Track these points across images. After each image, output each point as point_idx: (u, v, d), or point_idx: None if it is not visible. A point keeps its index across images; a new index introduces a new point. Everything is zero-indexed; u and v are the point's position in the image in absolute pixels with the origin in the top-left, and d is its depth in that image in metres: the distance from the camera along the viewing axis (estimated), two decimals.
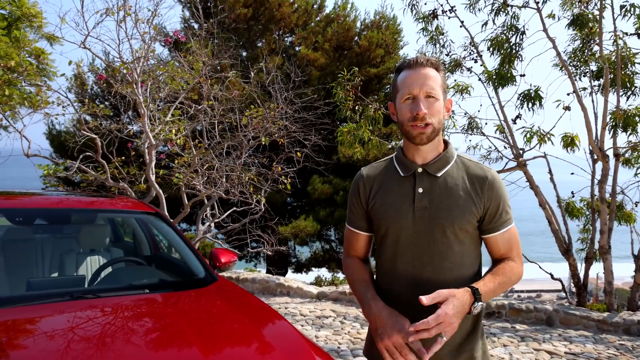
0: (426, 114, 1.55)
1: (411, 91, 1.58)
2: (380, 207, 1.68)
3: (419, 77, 1.57)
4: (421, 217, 1.61)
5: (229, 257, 3.44)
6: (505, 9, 7.05)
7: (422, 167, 1.64)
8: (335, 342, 5.27)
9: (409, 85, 1.58)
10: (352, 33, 13.38)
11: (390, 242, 1.67)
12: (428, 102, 1.57)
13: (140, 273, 3.19)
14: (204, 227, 7.96)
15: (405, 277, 1.63)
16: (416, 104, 1.56)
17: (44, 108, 6.75)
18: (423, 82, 1.57)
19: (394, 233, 1.65)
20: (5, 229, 3.18)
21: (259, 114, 7.48)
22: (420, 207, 1.61)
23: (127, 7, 6.28)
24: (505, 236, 1.65)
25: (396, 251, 1.65)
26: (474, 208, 1.60)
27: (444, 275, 1.60)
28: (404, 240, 1.63)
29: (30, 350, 1.85)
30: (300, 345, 2.23)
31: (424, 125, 1.57)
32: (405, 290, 1.63)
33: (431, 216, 1.60)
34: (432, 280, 1.60)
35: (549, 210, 7.07)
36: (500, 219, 1.63)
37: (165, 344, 2.00)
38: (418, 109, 1.55)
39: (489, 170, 1.66)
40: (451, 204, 1.60)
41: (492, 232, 1.64)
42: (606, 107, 6.38)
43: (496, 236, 1.64)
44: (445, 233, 1.59)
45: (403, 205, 1.63)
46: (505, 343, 5.31)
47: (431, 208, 1.61)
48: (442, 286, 1.58)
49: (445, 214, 1.59)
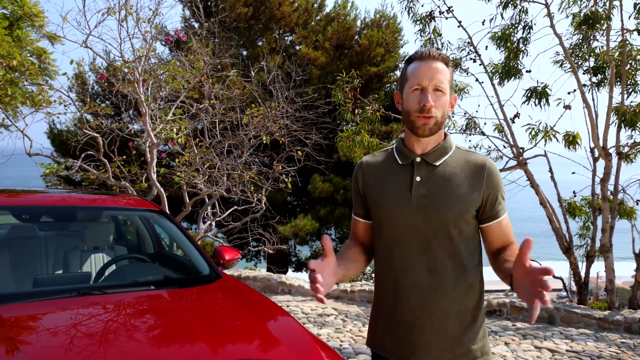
0: (432, 106, 1.57)
1: (420, 82, 1.59)
2: (377, 195, 1.70)
3: (429, 69, 1.59)
4: (419, 205, 1.62)
5: (233, 254, 3.46)
6: (514, 2, 7.05)
7: (420, 156, 1.66)
8: (337, 340, 5.28)
9: (419, 77, 1.59)
10: (353, 32, 13.40)
11: (387, 229, 1.68)
12: (435, 95, 1.59)
13: (146, 270, 3.21)
14: (205, 225, 7.97)
15: (403, 266, 1.64)
16: (424, 95, 1.58)
17: (46, 107, 6.77)
18: (433, 74, 1.58)
19: (391, 222, 1.66)
20: (11, 226, 3.19)
21: (259, 112, 7.50)
22: (418, 195, 1.62)
23: (128, 7, 6.30)
24: (503, 223, 1.67)
25: (394, 240, 1.66)
26: (472, 196, 1.61)
27: (443, 263, 1.61)
28: (402, 229, 1.64)
29: (41, 344, 1.87)
30: (306, 340, 2.24)
31: (428, 117, 1.58)
32: (403, 279, 1.64)
33: (428, 204, 1.61)
34: (430, 267, 1.62)
35: (549, 208, 7.09)
36: (499, 206, 1.65)
37: (175, 339, 2.01)
38: (425, 100, 1.57)
39: (486, 159, 1.68)
40: (449, 193, 1.61)
41: (492, 219, 1.65)
42: (610, 103, 6.39)
43: (498, 223, 1.66)
44: (443, 221, 1.60)
45: (400, 194, 1.65)
46: (507, 341, 5.33)
47: (429, 196, 1.62)
48: (441, 273, 1.60)
49: (442, 202, 1.60)
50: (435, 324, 1.62)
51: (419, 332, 1.63)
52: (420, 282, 1.62)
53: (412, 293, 1.63)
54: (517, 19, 7.16)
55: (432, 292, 1.61)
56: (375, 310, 1.79)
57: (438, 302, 1.61)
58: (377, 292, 1.77)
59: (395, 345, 1.68)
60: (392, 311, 1.68)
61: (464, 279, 1.63)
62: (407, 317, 1.64)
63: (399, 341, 1.67)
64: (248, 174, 7.59)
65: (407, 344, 1.65)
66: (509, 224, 1.70)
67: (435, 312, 1.61)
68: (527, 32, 7.19)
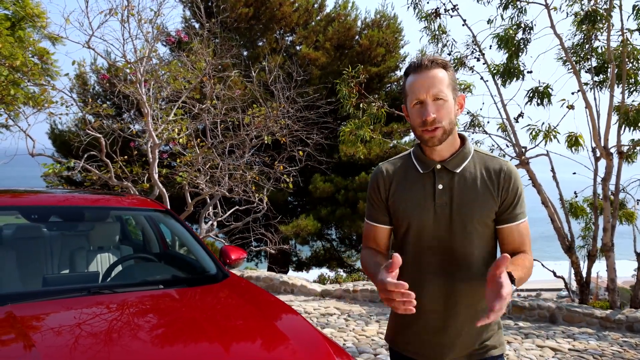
0: (435, 119, 1.57)
1: (418, 97, 1.60)
2: (401, 204, 1.71)
3: (425, 81, 1.59)
4: (442, 212, 1.65)
5: (239, 254, 3.47)
6: (514, 3, 7.07)
7: (440, 163, 1.67)
8: (341, 339, 5.30)
9: (416, 91, 1.60)
10: (353, 32, 13.41)
11: (412, 238, 1.70)
12: (436, 105, 1.58)
13: (154, 269, 3.22)
14: (206, 225, 7.98)
15: (428, 271, 1.67)
16: (424, 109, 1.58)
17: (48, 108, 6.78)
18: (429, 85, 1.58)
19: (416, 229, 1.68)
20: (17, 227, 3.20)
21: (261, 113, 7.51)
22: (441, 203, 1.65)
23: (130, 7, 6.31)
24: (519, 228, 1.68)
25: (419, 247, 1.69)
26: (492, 201, 1.64)
27: (466, 267, 1.64)
28: (426, 236, 1.67)
29: (55, 342, 1.88)
30: (315, 337, 2.26)
31: (433, 129, 1.59)
32: (428, 280, 1.67)
33: (452, 211, 1.64)
34: (454, 271, 1.65)
35: (551, 208, 7.11)
36: (515, 210, 1.66)
37: (187, 337, 2.03)
38: (426, 114, 1.57)
39: (505, 162, 1.69)
40: (471, 199, 1.64)
41: (508, 222, 1.67)
42: (611, 103, 6.41)
43: (511, 227, 1.67)
44: (466, 227, 1.63)
45: (424, 202, 1.67)
46: (509, 340, 5.35)
47: (451, 204, 1.64)
48: (466, 278, 1.63)
49: (465, 209, 1.63)
50: (459, 325, 1.66)
51: (443, 333, 1.67)
52: (444, 286, 1.65)
53: (436, 297, 1.66)
54: (517, 19, 7.19)
55: (456, 295, 1.65)
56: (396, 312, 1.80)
57: (462, 305, 1.65)
58: None
59: (419, 346, 1.72)
60: (417, 314, 1.70)
61: (485, 280, 1.65)
62: (431, 320, 1.67)
63: (423, 342, 1.71)
64: (250, 174, 7.60)
65: (432, 344, 1.69)
66: (528, 231, 1.71)
67: (459, 314, 1.65)
68: (528, 33, 7.21)
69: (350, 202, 11.87)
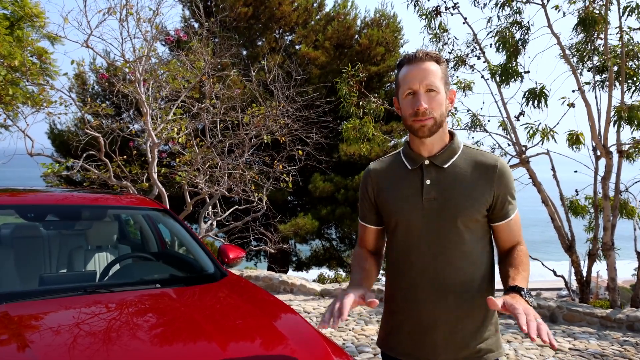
0: (427, 109, 1.57)
1: (411, 87, 1.60)
2: (389, 201, 1.70)
3: (419, 72, 1.59)
4: (430, 208, 1.63)
5: (237, 253, 3.46)
6: (510, 4, 7.06)
7: (428, 159, 1.66)
8: (340, 338, 5.29)
9: (409, 81, 1.60)
10: (353, 31, 13.39)
11: (401, 234, 1.69)
12: (429, 96, 1.59)
13: (151, 268, 3.21)
14: (206, 225, 7.97)
15: (418, 268, 1.65)
16: (417, 99, 1.58)
17: (47, 107, 6.76)
18: (423, 76, 1.59)
19: (405, 225, 1.67)
20: (16, 226, 3.19)
21: (260, 112, 7.50)
22: (429, 199, 1.63)
23: (129, 7, 6.30)
24: (512, 222, 1.68)
25: (408, 243, 1.67)
26: (483, 197, 1.62)
27: (457, 263, 1.63)
28: (415, 232, 1.65)
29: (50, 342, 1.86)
30: (313, 336, 2.25)
31: (424, 119, 1.59)
32: (419, 281, 1.65)
33: (440, 207, 1.62)
34: (445, 269, 1.63)
35: (551, 206, 7.09)
36: (509, 206, 1.66)
37: (185, 336, 2.02)
38: (418, 104, 1.57)
39: (498, 158, 1.68)
40: (460, 194, 1.62)
41: (503, 219, 1.66)
42: (610, 102, 6.40)
43: (507, 222, 1.67)
44: (456, 223, 1.61)
45: (412, 198, 1.66)
46: (509, 339, 5.33)
47: (440, 199, 1.63)
48: (456, 274, 1.61)
49: (454, 204, 1.61)
50: (451, 324, 1.63)
51: (435, 332, 1.64)
52: (435, 283, 1.63)
53: (428, 294, 1.64)
54: (513, 19, 7.17)
55: (447, 292, 1.62)
56: (388, 312, 1.79)
57: (454, 302, 1.62)
58: (389, 295, 1.78)
59: (411, 346, 1.69)
60: (408, 313, 1.69)
61: (477, 277, 1.65)
62: (423, 318, 1.65)
63: (415, 342, 1.68)
64: (249, 174, 7.59)
65: (424, 344, 1.66)
66: (519, 222, 1.72)
67: (451, 312, 1.63)
68: (525, 33, 7.19)
69: (350, 201, 11.86)
